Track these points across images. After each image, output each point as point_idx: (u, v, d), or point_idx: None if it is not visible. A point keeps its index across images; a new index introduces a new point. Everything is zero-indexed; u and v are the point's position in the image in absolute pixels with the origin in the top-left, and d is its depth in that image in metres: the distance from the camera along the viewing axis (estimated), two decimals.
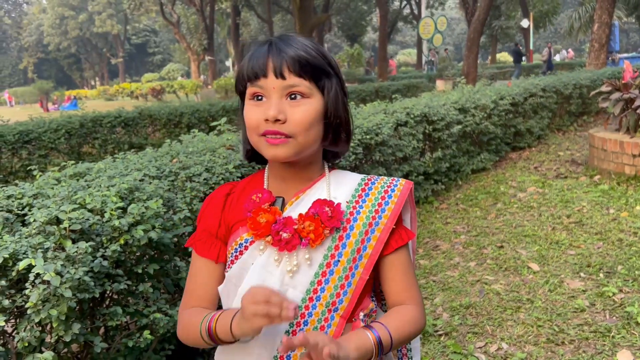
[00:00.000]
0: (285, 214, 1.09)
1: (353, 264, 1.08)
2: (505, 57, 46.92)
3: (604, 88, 6.40)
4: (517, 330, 2.88)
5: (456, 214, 5.01)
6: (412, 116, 5.12)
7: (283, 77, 1.03)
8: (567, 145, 7.74)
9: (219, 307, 1.15)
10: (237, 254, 1.11)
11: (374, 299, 1.20)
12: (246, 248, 1.10)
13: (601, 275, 3.44)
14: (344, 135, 1.14)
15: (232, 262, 1.12)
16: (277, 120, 1.02)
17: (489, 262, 3.80)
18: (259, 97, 1.05)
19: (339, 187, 1.14)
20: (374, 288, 1.20)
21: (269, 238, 1.06)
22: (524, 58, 25.05)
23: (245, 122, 1.08)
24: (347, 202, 1.12)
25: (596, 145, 5.89)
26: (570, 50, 24.79)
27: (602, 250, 3.81)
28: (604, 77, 10.02)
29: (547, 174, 6.12)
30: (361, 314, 1.11)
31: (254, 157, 1.17)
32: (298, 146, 1.05)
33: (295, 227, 1.06)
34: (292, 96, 1.04)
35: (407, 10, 38.62)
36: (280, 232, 1.05)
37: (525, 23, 28.80)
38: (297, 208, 1.10)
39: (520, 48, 25.56)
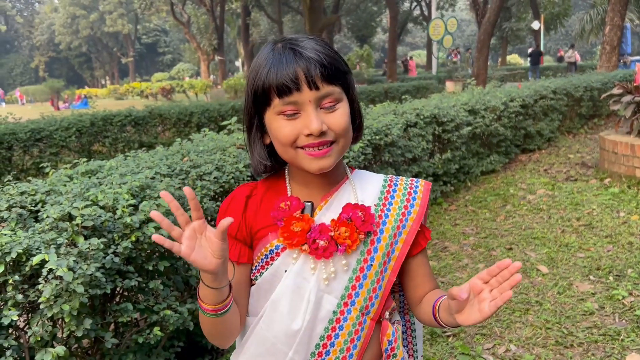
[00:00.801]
0: (316, 219, 1.08)
1: (383, 267, 1.09)
2: (515, 59, 46.73)
3: (615, 91, 6.36)
4: (526, 332, 2.87)
5: (465, 215, 5.00)
6: (421, 117, 5.12)
7: (317, 88, 0.99)
8: (578, 148, 7.70)
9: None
10: (268, 259, 1.10)
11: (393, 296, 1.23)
12: (277, 254, 1.08)
13: (611, 278, 3.42)
14: (360, 131, 1.15)
15: (263, 267, 1.11)
16: (322, 133, 1.00)
17: None
18: (292, 114, 1.01)
19: (364, 189, 1.14)
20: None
21: (305, 246, 1.05)
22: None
23: (277, 137, 1.03)
24: (374, 205, 1.12)
25: (607, 148, 5.86)
26: (576, 52, 24.62)
27: (612, 254, 3.79)
28: (616, 79, 9.97)
29: (557, 177, 6.09)
30: (386, 313, 1.13)
31: (266, 170, 1.14)
32: (340, 151, 1.05)
33: (332, 234, 1.05)
34: (327, 104, 1.02)
35: (417, 12, 38.55)
36: (317, 240, 1.04)
37: (536, 25, 28.70)
38: (328, 213, 1.09)
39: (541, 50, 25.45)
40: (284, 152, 1.05)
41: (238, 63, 47.12)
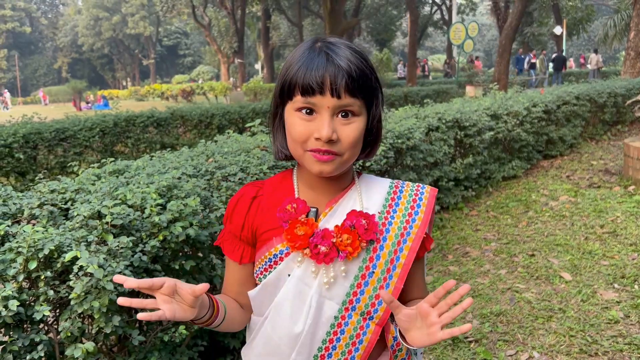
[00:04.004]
0: (320, 225, 1.10)
1: (387, 274, 1.09)
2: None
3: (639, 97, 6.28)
4: (549, 340, 2.84)
5: (486, 221, 4.96)
6: (443, 121, 5.10)
7: (339, 97, 1.01)
8: (601, 155, 7.61)
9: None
10: (272, 263, 1.12)
11: None
12: (281, 259, 1.11)
13: (636, 287, 3.37)
14: (376, 146, 1.16)
15: (267, 269, 1.13)
16: (329, 140, 1.02)
17: (520, 270, 3.76)
18: (309, 112, 1.04)
19: (370, 196, 1.15)
20: None
21: (307, 251, 1.07)
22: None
23: (290, 132, 1.07)
24: (378, 212, 1.13)
25: (631, 155, 5.78)
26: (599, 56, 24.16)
27: (637, 262, 3.73)
28: None
29: (580, 183, 6.02)
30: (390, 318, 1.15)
31: (286, 157, 1.18)
32: (343, 163, 1.07)
33: (334, 240, 1.06)
34: (344, 114, 1.04)
35: (437, 16, 38.40)
36: (319, 246, 1.06)
37: (558, 30, 28.39)
38: (332, 219, 1.11)
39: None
40: (293, 149, 1.08)
41: (257, 66, 47.36)
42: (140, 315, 0.94)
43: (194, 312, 1.00)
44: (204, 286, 0.96)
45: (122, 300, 0.94)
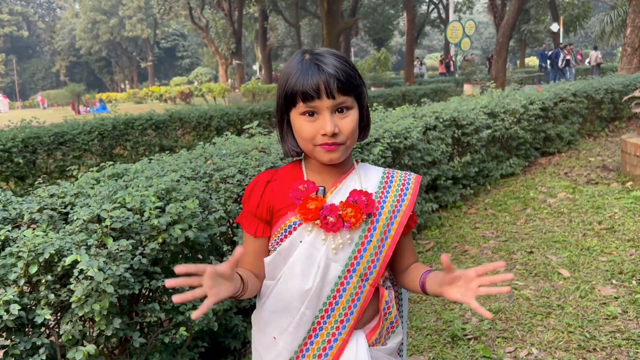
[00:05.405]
0: (328, 201, 1.31)
1: (381, 243, 1.32)
2: (534, 61, 46.31)
3: (636, 93, 6.30)
4: (548, 336, 2.86)
5: (485, 219, 4.98)
6: (441, 120, 5.12)
7: (333, 97, 1.23)
8: (598, 151, 7.63)
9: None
10: (287, 233, 1.32)
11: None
12: (295, 229, 1.31)
13: (634, 282, 3.39)
14: (366, 131, 1.39)
15: (282, 239, 1.33)
16: (333, 134, 1.23)
17: (519, 268, 3.78)
18: (312, 114, 1.25)
19: (367, 179, 1.37)
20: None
21: (317, 221, 1.27)
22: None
23: (299, 134, 1.28)
24: (375, 192, 1.35)
25: (629, 151, 5.80)
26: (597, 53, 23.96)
27: (635, 258, 3.75)
28: (637, 82, 9.84)
29: (578, 180, 6.04)
30: (381, 280, 1.36)
31: (297, 154, 1.39)
32: (347, 149, 1.29)
33: (340, 212, 1.27)
34: (340, 110, 1.26)
35: (434, 14, 38.42)
36: (328, 217, 1.26)
37: (555, 27, 28.43)
38: (337, 196, 1.32)
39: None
40: (304, 146, 1.30)
41: (255, 67, 47.36)
42: (176, 298, 1.04)
43: (233, 286, 1.15)
44: (240, 249, 1.11)
45: (171, 282, 1.05)
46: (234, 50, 34.34)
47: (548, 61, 23.20)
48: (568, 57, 22.13)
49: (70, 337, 1.78)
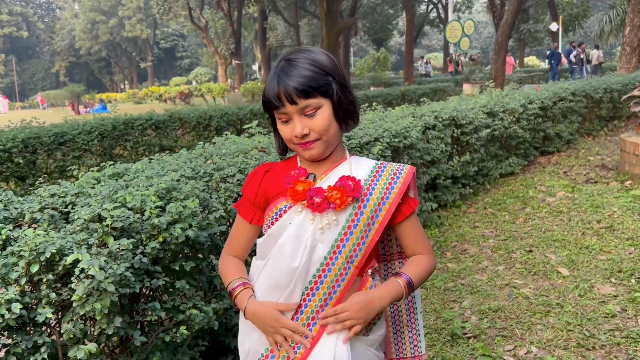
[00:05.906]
0: (317, 185, 1.39)
1: (368, 227, 1.39)
2: (533, 61, 46.33)
3: (635, 92, 6.31)
4: (547, 334, 2.87)
5: (484, 218, 4.99)
6: (440, 120, 5.13)
7: (295, 103, 1.32)
8: (597, 150, 7.64)
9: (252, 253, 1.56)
10: (277, 216, 1.42)
11: (385, 259, 1.60)
12: (285, 212, 1.41)
13: (633, 280, 3.40)
14: (353, 119, 1.43)
15: (273, 223, 1.42)
16: (304, 135, 1.34)
17: (518, 266, 3.79)
18: (285, 121, 1.37)
19: (358, 168, 1.44)
20: (384, 252, 1.59)
21: (305, 202, 1.37)
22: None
23: (282, 136, 1.40)
24: (364, 179, 1.42)
25: (628, 150, 5.81)
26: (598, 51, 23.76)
27: (634, 256, 3.76)
28: (636, 81, 9.86)
29: (577, 179, 6.06)
30: (369, 271, 1.43)
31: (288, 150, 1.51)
32: (325, 144, 1.38)
33: (326, 194, 1.36)
34: (308, 112, 1.34)
35: (433, 14, 38.44)
36: (314, 197, 1.36)
37: (554, 27, 28.43)
38: (326, 182, 1.40)
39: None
40: (288, 145, 1.42)
41: (255, 67, 47.36)
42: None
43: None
44: (293, 306, 1.38)
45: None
46: (234, 51, 34.35)
47: (561, 59, 22.63)
48: (582, 55, 21.86)
49: (72, 336, 1.78)
